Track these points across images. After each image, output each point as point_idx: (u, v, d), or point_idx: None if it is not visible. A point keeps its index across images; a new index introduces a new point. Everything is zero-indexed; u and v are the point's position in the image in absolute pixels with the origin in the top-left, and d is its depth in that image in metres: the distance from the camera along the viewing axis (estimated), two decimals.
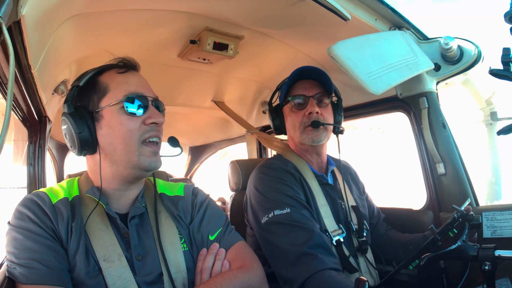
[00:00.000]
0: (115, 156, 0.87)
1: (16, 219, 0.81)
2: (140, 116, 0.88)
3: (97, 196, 0.89)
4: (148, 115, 0.89)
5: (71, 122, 0.86)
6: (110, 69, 0.93)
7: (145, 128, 0.88)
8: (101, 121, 0.87)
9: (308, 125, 1.28)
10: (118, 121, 0.86)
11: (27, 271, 0.75)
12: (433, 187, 1.52)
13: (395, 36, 1.34)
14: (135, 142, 0.86)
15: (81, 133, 0.85)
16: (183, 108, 2.22)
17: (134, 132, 0.86)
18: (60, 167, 2.79)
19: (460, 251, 0.98)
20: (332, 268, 1.06)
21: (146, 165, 0.87)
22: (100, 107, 0.87)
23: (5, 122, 0.53)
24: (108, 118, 0.87)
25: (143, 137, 0.87)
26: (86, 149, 0.88)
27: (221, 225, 1.00)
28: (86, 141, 0.86)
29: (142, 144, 0.87)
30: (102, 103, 0.88)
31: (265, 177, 1.28)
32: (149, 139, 0.88)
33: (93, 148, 0.88)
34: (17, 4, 0.65)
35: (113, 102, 0.86)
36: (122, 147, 0.86)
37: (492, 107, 2.35)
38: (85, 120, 0.86)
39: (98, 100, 0.88)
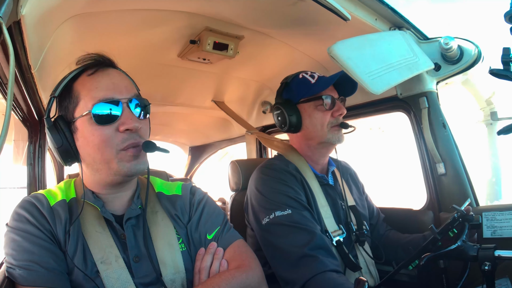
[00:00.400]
0: (95, 165, 0.86)
1: (14, 221, 0.81)
2: (112, 123, 0.82)
3: (91, 200, 0.88)
4: (122, 121, 0.82)
5: (50, 137, 0.84)
6: (83, 73, 0.87)
7: (121, 135, 0.82)
8: (77, 133, 0.85)
9: (336, 125, 1.30)
10: (90, 132, 0.82)
11: (26, 272, 0.75)
12: (433, 187, 1.52)
13: (395, 36, 1.34)
14: (111, 151, 0.82)
15: (60, 148, 0.84)
16: (183, 108, 2.22)
17: (109, 141, 0.81)
18: (60, 167, 2.78)
19: (460, 251, 0.98)
20: (333, 270, 1.06)
21: (126, 170, 0.83)
22: (75, 117, 0.84)
23: (5, 122, 0.53)
24: (81, 129, 0.84)
25: (120, 147, 0.82)
26: (69, 160, 0.87)
27: (219, 224, 0.98)
28: (67, 153, 0.85)
29: (120, 151, 0.82)
30: (76, 113, 0.84)
31: (266, 178, 1.28)
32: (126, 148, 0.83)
33: (76, 158, 0.87)
34: (17, 4, 0.65)
35: (84, 112, 0.82)
36: (99, 156, 0.83)
37: (492, 107, 2.34)
38: (63, 132, 0.84)
39: (72, 110, 0.85)
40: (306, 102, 1.32)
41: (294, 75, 1.39)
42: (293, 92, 1.36)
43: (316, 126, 1.31)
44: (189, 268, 0.90)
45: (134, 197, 0.94)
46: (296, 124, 1.33)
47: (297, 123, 1.33)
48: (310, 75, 1.35)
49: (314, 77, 1.34)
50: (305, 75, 1.36)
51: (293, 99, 1.35)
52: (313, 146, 1.35)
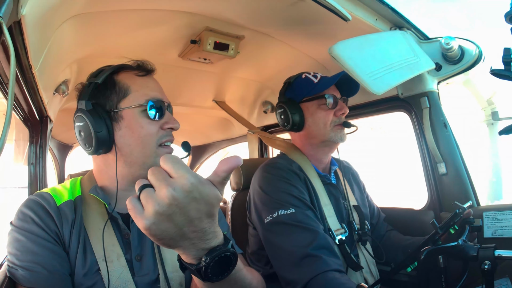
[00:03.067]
0: (130, 157, 0.88)
1: (19, 220, 0.81)
2: (158, 120, 0.90)
3: (100, 196, 0.88)
4: (166, 120, 0.91)
5: (90, 120, 0.84)
6: (128, 70, 0.94)
7: (162, 132, 0.90)
8: (120, 122, 0.87)
9: (338, 124, 1.31)
10: (139, 124, 0.87)
11: (29, 274, 0.75)
12: (434, 187, 1.52)
13: (396, 36, 1.34)
14: (152, 145, 0.88)
15: (100, 132, 0.84)
16: (184, 108, 2.22)
17: (153, 136, 0.88)
18: (61, 167, 2.79)
19: (460, 250, 0.98)
20: (335, 270, 1.06)
21: None
22: (120, 107, 0.87)
23: (6, 122, 0.53)
24: (128, 119, 0.87)
25: (160, 141, 0.89)
26: (102, 148, 0.87)
27: (226, 230, 1.01)
28: (104, 140, 0.85)
29: (159, 146, 0.90)
30: (123, 104, 0.88)
31: (270, 177, 1.28)
32: (165, 143, 0.91)
33: (108, 148, 0.87)
34: (18, 4, 0.65)
35: (135, 104, 0.88)
36: (139, 149, 0.87)
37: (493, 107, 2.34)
38: (104, 119, 0.85)
39: (117, 101, 0.88)
40: (309, 101, 1.33)
41: (297, 75, 1.40)
42: (296, 91, 1.36)
43: (319, 125, 1.31)
44: None
45: None
46: (298, 122, 1.34)
47: (300, 122, 1.34)
48: (313, 75, 1.36)
49: (317, 77, 1.35)
50: (308, 75, 1.37)
51: (296, 98, 1.36)
52: (316, 145, 1.36)
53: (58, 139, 2.69)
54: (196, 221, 0.52)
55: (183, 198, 0.49)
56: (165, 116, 0.92)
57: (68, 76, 1.43)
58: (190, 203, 0.50)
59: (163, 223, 0.50)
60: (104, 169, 0.92)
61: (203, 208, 0.52)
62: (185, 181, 0.50)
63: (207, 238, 0.55)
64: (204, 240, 0.55)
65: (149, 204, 0.49)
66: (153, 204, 0.49)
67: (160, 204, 0.49)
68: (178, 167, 0.51)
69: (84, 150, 0.90)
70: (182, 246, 0.54)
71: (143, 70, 0.96)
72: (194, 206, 0.51)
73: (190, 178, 0.50)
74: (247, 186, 1.40)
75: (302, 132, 1.37)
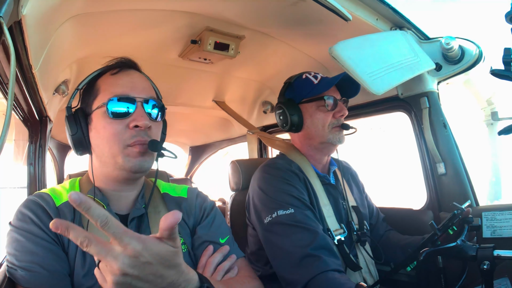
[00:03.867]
0: (103, 158, 0.89)
1: (18, 221, 0.80)
2: (124, 119, 0.85)
3: (98, 197, 0.89)
4: (133, 118, 0.85)
5: (67, 125, 0.90)
6: (107, 71, 0.93)
7: (130, 132, 0.85)
8: (91, 124, 0.89)
9: (337, 126, 1.31)
10: (102, 125, 0.86)
11: (28, 274, 0.75)
12: (433, 187, 1.52)
13: (396, 36, 1.34)
14: (118, 145, 0.84)
15: (74, 135, 0.88)
16: (183, 108, 2.22)
17: (118, 136, 0.84)
18: (61, 167, 2.79)
19: (459, 250, 0.98)
20: (335, 270, 1.06)
21: (131, 165, 0.85)
22: (91, 110, 0.89)
23: (5, 122, 0.53)
24: (95, 121, 0.88)
25: (127, 143, 0.84)
26: (81, 149, 0.91)
27: (228, 234, 1.01)
28: (79, 142, 0.89)
29: (128, 146, 0.85)
30: (93, 106, 0.89)
31: (269, 177, 1.28)
32: (133, 145, 0.85)
33: (87, 149, 0.90)
34: (18, 4, 0.65)
35: (100, 105, 0.87)
36: (107, 149, 0.86)
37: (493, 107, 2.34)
38: (79, 122, 0.88)
39: (91, 104, 0.90)
40: (308, 102, 1.33)
41: (298, 75, 1.40)
42: (296, 92, 1.36)
43: (317, 126, 1.31)
44: None
45: (138, 197, 0.95)
46: (297, 123, 1.34)
47: (299, 123, 1.34)
48: (313, 76, 1.36)
49: (317, 77, 1.35)
50: (308, 76, 1.36)
51: (295, 99, 1.35)
52: (314, 146, 1.36)
53: (57, 139, 2.69)
54: (159, 280, 0.53)
55: (134, 267, 0.50)
56: (133, 114, 0.86)
57: (68, 76, 1.43)
58: (144, 268, 0.51)
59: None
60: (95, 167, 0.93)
61: (158, 267, 0.53)
62: (131, 251, 0.50)
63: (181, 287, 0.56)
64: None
65: (107, 276, 0.51)
66: (111, 277, 0.51)
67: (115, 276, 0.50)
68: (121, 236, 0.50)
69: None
70: None
71: (116, 67, 0.93)
72: (149, 269, 0.52)
73: (135, 245, 0.51)
74: (246, 186, 1.40)
75: (301, 133, 1.37)
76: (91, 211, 0.49)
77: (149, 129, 0.87)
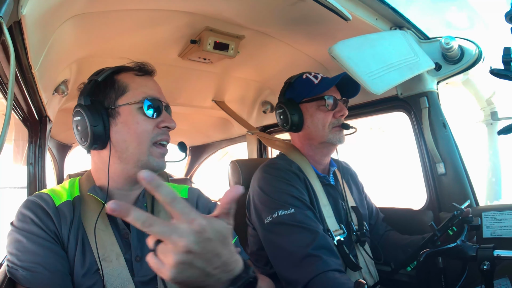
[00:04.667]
0: (125, 154, 0.88)
1: (18, 221, 0.81)
2: (154, 119, 0.90)
3: (99, 196, 0.89)
4: (162, 119, 0.91)
5: (87, 114, 0.86)
6: (128, 71, 0.96)
7: (157, 130, 0.90)
8: (117, 118, 0.89)
9: (337, 126, 1.31)
10: (135, 120, 0.88)
11: (30, 274, 0.75)
12: (433, 187, 1.53)
13: (396, 35, 1.34)
14: (147, 142, 0.88)
15: (96, 126, 0.86)
16: (183, 108, 2.22)
17: (148, 133, 0.89)
18: (60, 167, 2.79)
19: (459, 250, 0.98)
20: (335, 270, 1.06)
21: (155, 165, 0.89)
22: (117, 104, 0.89)
23: (5, 122, 0.53)
24: (125, 115, 0.88)
25: (155, 139, 0.89)
26: (98, 143, 0.88)
27: (236, 236, 1.02)
28: (99, 135, 0.87)
29: (153, 145, 0.89)
30: (120, 101, 0.89)
31: (270, 177, 1.28)
32: (160, 141, 0.91)
33: (104, 143, 0.88)
34: (18, 4, 0.65)
35: (132, 101, 0.89)
36: (135, 145, 0.87)
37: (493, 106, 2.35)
38: (101, 114, 0.87)
39: (116, 98, 0.90)
40: (308, 102, 1.33)
41: (298, 75, 1.40)
42: (296, 92, 1.36)
43: (318, 126, 1.31)
44: None
45: (139, 197, 0.96)
46: (297, 123, 1.34)
47: (299, 123, 1.34)
48: (314, 76, 1.36)
49: (318, 77, 1.35)
50: (308, 76, 1.37)
51: (295, 99, 1.35)
52: (314, 146, 1.36)
53: (57, 139, 2.69)
54: (215, 258, 0.54)
55: (198, 244, 0.51)
56: (162, 115, 0.92)
57: (68, 76, 1.43)
58: (205, 245, 0.52)
59: (186, 271, 0.51)
60: (101, 168, 0.92)
61: (217, 244, 0.54)
62: (197, 226, 0.51)
63: (230, 269, 0.57)
64: (228, 272, 0.56)
65: (168, 257, 0.51)
66: (172, 257, 0.50)
67: (179, 254, 0.50)
68: (189, 212, 0.52)
69: (80, 145, 0.92)
70: (209, 284, 0.55)
71: (142, 70, 0.97)
72: (210, 246, 0.52)
73: (201, 221, 0.51)
74: (247, 187, 1.40)
75: (301, 133, 1.37)
76: (161, 189, 0.51)
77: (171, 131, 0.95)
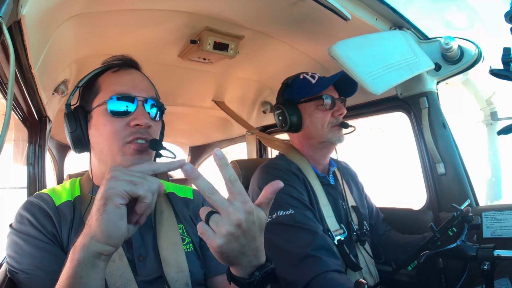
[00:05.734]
0: (102, 156, 0.88)
1: (17, 223, 0.81)
2: (125, 117, 0.85)
3: None
4: (133, 117, 0.85)
5: (66, 122, 0.90)
6: (108, 69, 0.93)
7: (130, 130, 0.85)
8: (91, 121, 0.89)
9: (336, 125, 1.31)
10: (102, 122, 0.86)
11: (28, 277, 0.75)
12: (433, 187, 1.52)
13: (396, 36, 1.34)
14: (118, 143, 0.84)
15: (73, 132, 0.89)
16: (183, 108, 2.22)
17: (118, 134, 0.84)
18: (60, 167, 2.79)
19: (459, 251, 0.98)
20: (335, 270, 1.06)
21: (128, 164, 0.84)
22: (92, 107, 0.89)
23: (5, 122, 0.53)
24: (95, 118, 0.88)
25: (127, 139, 0.84)
26: (79, 147, 0.90)
27: None
28: (78, 140, 0.89)
29: (126, 144, 0.84)
30: (94, 103, 0.89)
31: (269, 177, 1.28)
32: (134, 141, 0.84)
33: (86, 147, 0.90)
34: (17, 4, 0.65)
35: (101, 102, 0.87)
36: (107, 147, 0.86)
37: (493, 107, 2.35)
38: (79, 120, 0.89)
39: (91, 101, 0.90)
40: (306, 102, 1.33)
41: (295, 76, 1.40)
42: (294, 92, 1.36)
43: (317, 126, 1.31)
44: (193, 270, 0.90)
45: None
46: (296, 123, 1.34)
47: (298, 123, 1.34)
48: (311, 76, 1.36)
49: (315, 77, 1.35)
50: (306, 76, 1.37)
51: (293, 99, 1.35)
52: (314, 145, 1.36)
53: (57, 139, 2.69)
54: (253, 241, 0.62)
55: (247, 222, 0.59)
56: (134, 112, 0.86)
57: (68, 76, 1.43)
58: (251, 226, 0.60)
59: (231, 243, 0.59)
60: (95, 166, 0.93)
61: (257, 229, 0.62)
62: (249, 208, 0.59)
63: (260, 256, 0.65)
64: (257, 257, 0.64)
65: (221, 227, 0.58)
66: (225, 227, 0.58)
67: (231, 226, 0.58)
68: (245, 194, 0.60)
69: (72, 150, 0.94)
70: (240, 263, 0.63)
71: (117, 65, 0.93)
72: (252, 228, 0.60)
73: (251, 204, 0.60)
74: (246, 186, 1.40)
75: (300, 133, 1.38)
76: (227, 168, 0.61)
77: (149, 128, 0.87)
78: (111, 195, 0.58)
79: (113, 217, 0.58)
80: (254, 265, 0.64)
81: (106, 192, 0.59)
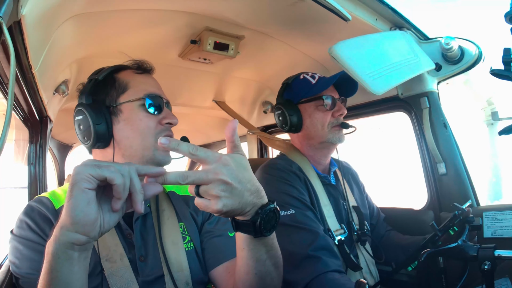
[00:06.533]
0: (129, 151, 0.88)
1: (17, 228, 0.81)
2: (156, 115, 0.91)
3: None
4: (164, 116, 0.92)
5: (89, 113, 0.87)
6: (128, 69, 0.96)
7: (160, 127, 0.91)
8: (119, 116, 0.89)
9: (336, 125, 1.31)
10: (138, 117, 0.89)
11: (28, 282, 0.75)
12: (434, 187, 1.52)
13: (396, 36, 1.34)
14: (151, 138, 0.88)
15: (99, 125, 0.86)
16: (183, 108, 2.22)
17: (151, 129, 0.89)
18: (61, 167, 2.79)
19: (459, 250, 0.98)
20: (335, 270, 1.06)
21: (160, 159, 0.89)
22: (119, 102, 0.89)
23: (6, 122, 0.53)
24: (127, 113, 0.89)
25: (159, 136, 0.88)
26: (101, 141, 0.88)
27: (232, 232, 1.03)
28: (102, 133, 0.87)
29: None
30: (122, 98, 0.90)
31: (269, 177, 1.28)
32: None
33: (107, 141, 0.89)
34: (18, 4, 0.65)
35: (133, 98, 0.89)
36: (138, 141, 0.88)
37: (493, 107, 2.34)
38: (103, 112, 0.88)
39: (117, 96, 0.90)
40: (306, 102, 1.33)
41: (295, 76, 1.40)
42: (294, 92, 1.36)
43: (317, 126, 1.31)
44: (194, 268, 0.91)
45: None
46: (296, 124, 1.34)
47: (298, 123, 1.34)
48: (311, 76, 1.36)
49: (315, 77, 1.35)
50: (306, 76, 1.37)
51: (293, 100, 1.35)
52: (314, 146, 1.36)
53: (58, 139, 2.69)
54: (249, 184, 0.64)
55: (231, 174, 0.60)
56: (163, 112, 0.93)
57: (68, 76, 1.43)
58: (236, 174, 0.61)
59: (228, 199, 0.60)
60: None
61: (242, 170, 0.63)
62: (224, 161, 0.60)
63: (262, 195, 0.68)
64: (259, 197, 0.67)
65: (211, 193, 0.60)
66: (215, 191, 0.59)
67: (218, 187, 0.59)
68: (211, 154, 0.61)
69: (83, 144, 0.92)
70: (246, 211, 0.65)
71: (141, 68, 0.98)
72: (240, 174, 0.62)
73: (224, 156, 0.61)
74: None
75: (301, 133, 1.37)
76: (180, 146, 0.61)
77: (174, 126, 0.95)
78: (77, 180, 0.56)
79: (80, 202, 0.55)
80: (257, 206, 0.66)
81: (73, 178, 0.56)
